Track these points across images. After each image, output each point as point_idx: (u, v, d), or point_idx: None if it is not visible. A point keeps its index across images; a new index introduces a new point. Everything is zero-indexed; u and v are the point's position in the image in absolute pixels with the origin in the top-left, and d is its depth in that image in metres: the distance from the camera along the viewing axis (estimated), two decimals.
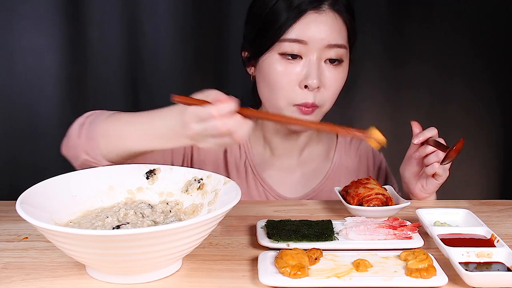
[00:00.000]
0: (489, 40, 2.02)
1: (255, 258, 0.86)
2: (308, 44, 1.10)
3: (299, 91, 1.12)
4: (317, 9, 1.10)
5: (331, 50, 1.12)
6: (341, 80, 1.16)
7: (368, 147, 1.37)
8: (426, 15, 2.00)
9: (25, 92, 1.89)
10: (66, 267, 0.83)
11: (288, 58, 1.11)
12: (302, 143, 1.29)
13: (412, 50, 2.01)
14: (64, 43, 1.86)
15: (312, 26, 1.10)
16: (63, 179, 0.92)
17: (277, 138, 1.27)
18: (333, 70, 1.13)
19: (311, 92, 1.12)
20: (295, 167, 1.30)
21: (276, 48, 1.12)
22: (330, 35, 1.11)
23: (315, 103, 1.12)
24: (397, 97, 2.07)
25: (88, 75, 1.90)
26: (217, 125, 0.83)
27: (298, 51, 1.11)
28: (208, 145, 0.87)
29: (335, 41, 1.12)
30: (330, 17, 1.11)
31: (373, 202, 1.05)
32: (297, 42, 1.10)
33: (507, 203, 1.14)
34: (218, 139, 0.86)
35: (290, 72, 1.11)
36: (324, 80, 1.12)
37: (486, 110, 2.08)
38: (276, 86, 1.13)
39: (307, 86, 1.11)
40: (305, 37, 1.10)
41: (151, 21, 1.89)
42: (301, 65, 1.11)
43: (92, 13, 1.86)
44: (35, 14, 1.83)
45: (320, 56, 1.11)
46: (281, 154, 1.29)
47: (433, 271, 0.77)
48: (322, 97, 1.13)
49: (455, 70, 2.04)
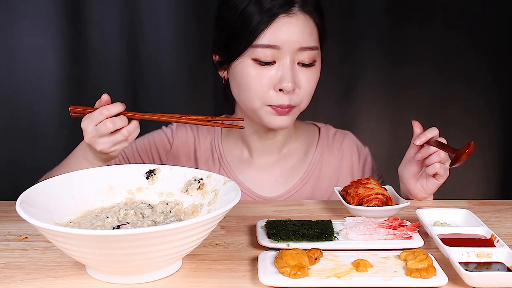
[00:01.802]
0: (489, 41, 2.02)
1: (255, 258, 0.86)
2: (281, 48, 1.11)
3: (274, 94, 1.14)
4: (288, 12, 1.11)
5: (304, 53, 1.13)
6: (314, 80, 1.17)
7: (353, 141, 1.37)
8: (425, 16, 2.00)
9: (25, 92, 1.89)
10: (66, 267, 0.83)
11: (261, 63, 1.13)
12: (281, 141, 1.30)
13: (412, 50, 2.02)
14: (64, 43, 1.86)
15: (284, 30, 1.11)
16: (63, 179, 0.92)
17: (254, 137, 1.28)
18: (307, 72, 1.15)
19: (286, 95, 1.13)
20: (274, 166, 1.30)
21: (248, 54, 1.13)
22: (302, 38, 1.12)
23: (290, 104, 1.14)
24: (397, 98, 2.07)
25: (88, 75, 1.90)
26: (107, 123, 1.01)
27: (271, 56, 1.12)
28: (103, 146, 1.03)
29: (307, 44, 1.13)
30: (301, 20, 1.12)
31: (373, 202, 1.05)
32: (270, 48, 1.11)
33: (507, 203, 1.14)
34: (111, 138, 1.02)
35: (264, 76, 1.13)
36: (298, 82, 1.14)
37: (486, 110, 2.08)
38: (251, 90, 1.15)
39: (282, 89, 1.12)
40: (277, 41, 1.11)
41: (151, 21, 1.89)
42: (274, 69, 1.13)
43: (92, 13, 1.86)
44: (35, 14, 1.83)
45: (293, 59, 1.13)
46: (259, 153, 1.30)
47: (433, 271, 0.77)
48: (297, 98, 1.15)
49: (455, 71, 2.04)
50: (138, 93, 1.97)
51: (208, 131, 1.34)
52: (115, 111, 1.02)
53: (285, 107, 1.14)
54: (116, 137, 1.03)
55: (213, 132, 1.34)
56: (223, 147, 1.32)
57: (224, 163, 1.30)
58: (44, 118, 1.90)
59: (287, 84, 1.11)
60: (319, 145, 1.34)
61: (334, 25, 2.01)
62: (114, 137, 1.03)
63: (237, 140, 1.31)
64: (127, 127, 1.03)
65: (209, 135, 1.34)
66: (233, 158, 1.31)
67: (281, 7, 1.10)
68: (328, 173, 1.32)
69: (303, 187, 1.29)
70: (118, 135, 1.03)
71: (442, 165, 1.11)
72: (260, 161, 1.30)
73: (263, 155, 1.30)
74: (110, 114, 1.02)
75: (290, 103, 1.14)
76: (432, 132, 1.12)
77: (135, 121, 1.05)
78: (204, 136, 1.34)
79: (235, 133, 1.31)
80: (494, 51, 2.03)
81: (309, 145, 1.34)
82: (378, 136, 2.07)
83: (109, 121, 1.01)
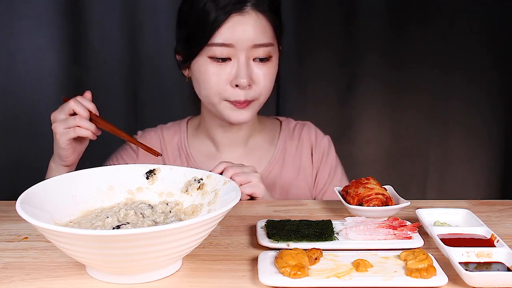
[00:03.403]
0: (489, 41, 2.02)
1: (255, 258, 0.86)
2: (235, 47, 1.16)
3: (231, 90, 1.19)
4: (240, 11, 1.15)
5: (259, 49, 1.18)
6: (271, 75, 1.22)
7: (311, 130, 1.41)
8: (425, 16, 2.00)
9: (25, 92, 1.89)
10: (66, 267, 0.83)
11: (218, 61, 1.18)
12: (245, 134, 1.34)
13: (412, 50, 2.02)
14: (64, 43, 1.87)
15: (236, 29, 1.15)
16: (63, 179, 0.92)
17: (220, 131, 1.32)
18: (262, 67, 1.20)
19: (242, 90, 1.18)
20: (241, 159, 1.33)
21: (205, 52, 1.18)
22: (255, 36, 1.16)
23: (247, 99, 1.19)
24: (397, 98, 2.07)
25: (88, 75, 1.91)
26: (70, 103, 1.11)
27: (227, 54, 1.17)
28: (58, 128, 1.11)
29: (261, 41, 1.17)
30: (253, 18, 1.16)
31: (373, 202, 1.05)
32: (224, 46, 1.16)
33: (507, 203, 1.14)
34: (66, 119, 1.11)
35: (220, 73, 1.18)
36: (254, 77, 1.19)
37: (486, 111, 2.08)
38: (209, 85, 1.20)
39: (237, 85, 1.17)
40: (231, 40, 1.16)
41: (151, 21, 1.89)
42: (230, 66, 1.18)
43: (92, 13, 1.86)
44: (35, 14, 1.83)
45: (248, 56, 1.17)
46: (226, 147, 1.34)
47: (433, 271, 0.77)
48: (254, 93, 1.20)
49: (455, 71, 2.04)
50: (138, 93, 1.97)
51: (175, 132, 1.39)
52: (85, 104, 1.12)
53: (242, 102, 1.19)
54: (69, 120, 1.11)
55: (179, 131, 1.38)
56: (189, 145, 1.36)
57: (191, 160, 1.35)
58: (44, 118, 1.90)
59: (242, 80, 1.16)
60: (281, 137, 1.39)
61: (335, 25, 2.03)
62: (68, 119, 1.11)
63: (204, 137, 1.36)
64: (82, 118, 1.11)
65: (175, 135, 1.38)
66: (200, 155, 1.35)
67: (233, 6, 1.15)
68: (290, 161, 1.37)
69: (267, 177, 1.34)
70: (71, 118, 1.11)
71: None
72: (226, 156, 1.34)
73: (229, 149, 1.34)
74: (81, 103, 1.12)
75: (247, 98, 1.19)
76: None
77: (93, 125, 1.12)
78: (170, 137, 1.38)
79: (201, 130, 1.36)
80: (495, 51, 2.03)
81: (272, 138, 1.39)
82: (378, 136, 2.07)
83: (74, 104, 1.11)
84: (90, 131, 1.12)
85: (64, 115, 1.12)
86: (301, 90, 2.03)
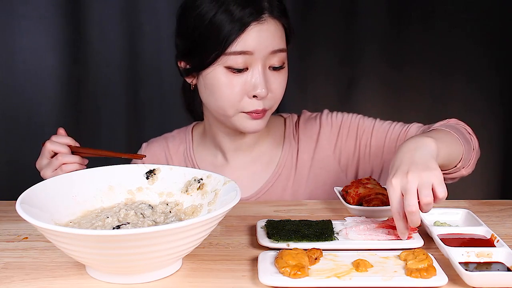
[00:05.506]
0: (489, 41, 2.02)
1: (255, 258, 0.86)
2: (254, 54, 1.12)
3: (248, 101, 1.15)
4: (258, 20, 1.12)
5: (275, 56, 1.15)
6: (284, 82, 1.19)
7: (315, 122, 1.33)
8: (425, 16, 2.00)
9: (25, 92, 1.89)
10: (66, 267, 0.84)
11: (234, 71, 1.13)
12: (253, 140, 1.30)
13: (412, 50, 2.02)
14: (64, 43, 1.87)
15: (256, 37, 1.12)
16: (63, 179, 0.92)
17: (226, 139, 1.29)
18: (277, 75, 1.17)
19: (260, 100, 1.15)
20: (249, 165, 1.31)
21: (221, 62, 1.13)
22: (274, 42, 1.14)
23: (265, 108, 1.16)
24: (398, 98, 2.07)
25: (88, 75, 1.91)
26: (47, 145, 1.12)
27: (243, 63, 1.12)
28: (46, 171, 1.12)
29: (278, 47, 1.15)
30: (272, 25, 1.14)
31: (373, 202, 1.05)
32: (242, 54, 1.12)
33: (507, 203, 1.14)
34: (50, 163, 1.11)
35: (236, 84, 1.13)
36: (271, 86, 1.15)
37: (486, 111, 2.08)
38: (223, 97, 1.15)
39: (255, 96, 1.14)
40: (250, 47, 1.12)
41: (151, 21, 1.89)
42: (246, 76, 1.14)
43: (92, 13, 1.86)
44: (35, 14, 1.83)
45: (264, 64, 1.14)
46: (233, 154, 1.30)
47: (433, 271, 0.77)
48: (270, 102, 1.17)
49: (455, 70, 2.04)
50: (138, 92, 1.97)
51: (180, 141, 1.36)
52: (61, 141, 1.13)
53: (260, 111, 1.16)
54: (53, 161, 1.11)
55: (185, 141, 1.35)
56: (196, 155, 1.33)
57: None
58: (44, 118, 1.91)
59: (261, 90, 1.13)
60: (286, 137, 1.35)
61: (335, 24, 2.03)
62: (51, 162, 1.12)
63: (210, 146, 1.32)
64: (63, 154, 1.11)
65: (181, 144, 1.35)
66: (207, 164, 1.32)
67: (251, 15, 1.12)
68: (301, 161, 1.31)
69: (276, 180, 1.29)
70: (54, 160, 1.11)
71: None
72: (234, 163, 1.31)
73: (237, 156, 1.31)
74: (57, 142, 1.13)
75: (265, 108, 1.16)
76: None
77: (77, 156, 1.12)
78: (176, 148, 1.35)
79: (207, 137, 1.32)
80: (495, 52, 2.03)
81: (278, 139, 1.34)
82: None
83: (50, 145, 1.12)
84: (76, 163, 1.12)
85: (46, 159, 1.13)
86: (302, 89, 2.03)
